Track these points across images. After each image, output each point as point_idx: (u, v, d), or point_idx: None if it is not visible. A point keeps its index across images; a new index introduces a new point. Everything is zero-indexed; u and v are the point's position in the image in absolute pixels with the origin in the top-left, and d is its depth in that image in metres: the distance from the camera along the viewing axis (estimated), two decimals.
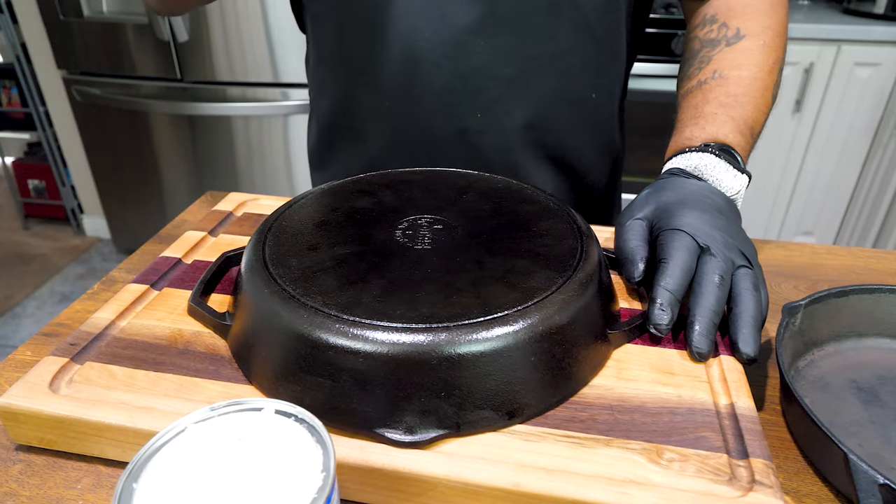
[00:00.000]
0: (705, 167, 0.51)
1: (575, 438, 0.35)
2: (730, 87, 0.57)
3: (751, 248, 0.46)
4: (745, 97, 0.56)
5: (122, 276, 0.57)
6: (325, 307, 0.37)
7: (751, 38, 0.59)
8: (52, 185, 2.39)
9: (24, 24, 2.04)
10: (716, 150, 0.52)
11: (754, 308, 0.42)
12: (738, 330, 0.41)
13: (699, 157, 0.52)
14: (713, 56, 0.60)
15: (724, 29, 0.61)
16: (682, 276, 0.42)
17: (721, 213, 0.47)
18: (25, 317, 2.02)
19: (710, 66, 0.60)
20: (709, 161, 0.51)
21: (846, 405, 0.43)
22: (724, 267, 0.43)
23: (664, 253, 0.44)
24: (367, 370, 0.35)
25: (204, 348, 0.42)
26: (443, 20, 0.59)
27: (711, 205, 0.47)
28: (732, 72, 0.58)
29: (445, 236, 0.45)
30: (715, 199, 0.49)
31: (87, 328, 0.43)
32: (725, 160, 0.51)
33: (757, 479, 0.33)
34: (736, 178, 0.51)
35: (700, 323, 0.41)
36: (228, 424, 0.30)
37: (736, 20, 0.61)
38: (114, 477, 0.37)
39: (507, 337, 0.36)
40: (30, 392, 0.37)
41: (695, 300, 0.42)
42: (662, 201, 0.48)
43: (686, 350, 0.42)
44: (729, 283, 0.43)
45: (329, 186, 0.53)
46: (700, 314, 0.41)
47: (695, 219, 0.45)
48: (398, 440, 0.34)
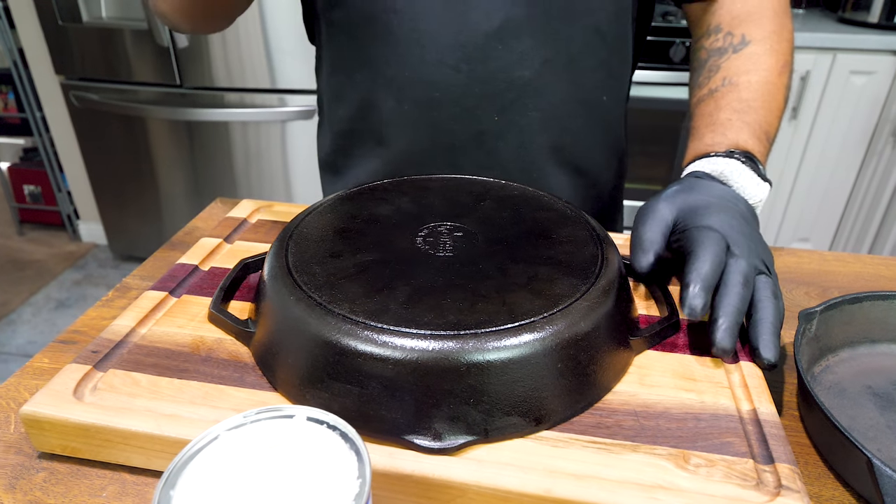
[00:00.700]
0: (731, 173, 0.52)
1: (602, 444, 0.36)
2: (741, 92, 0.58)
3: (769, 256, 0.47)
4: (757, 101, 0.57)
5: (136, 283, 0.57)
6: (352, 314, 0.37)
7: (756, 44, 0.60)
8: (48, 190, 2.38)
9: (21, 30, 2.04)
10: (741, 156, 0.53)
11: (774, 315, 0.42)
12: (758, 336, 0.42)
13: (725, 162, 0.52)
14: (721, 64, 0.61)
15: (729, 37, 0.62)
16: (713, 267, 0.42)
17: (745, 219, 0.48)
18: (21, 323, 2.00)
19: (719, 74, 0.61)
20: (735, 167, 0.52)
21: (863, 410, 0.44)
22: (748, 271, 0.43)
23: (696, 245, 0.44)
24: (396, 377, 0.35)
25: (227, 355, 0.42)
26: (463, 26, 0.60)
27: (737, 210, 0.48)
28: (742, 77, 0.59)
29: (466, 243, 0.46)
30: (739, 205, 0.49)
31: (107, 335, 0.43)
32: (750, 167, 0.52)
33: (783, 484, 0.33)
34: (759, 187, 0.52)
35: (725, 320, 0.41)
36: (261, 432, 0.30)
37: (740, 27, 0.62)
38: (139, 485, 0.37)
39: (535, 343, 0.36)
40: (54, 400, 0.37)
41: (720, 299, 0.42)
42: (691, 200, 0.49)
43: (705, 357, 0.42)
44: (752, 287, 0.43)
45: (346, 193, 0.53)
46: (725, 312, 0.41)
47: (724, 221, 0.46)
48: (427, 446, 0.34)
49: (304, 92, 1.85)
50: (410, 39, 0.61)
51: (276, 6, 1.74)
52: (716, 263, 0.43)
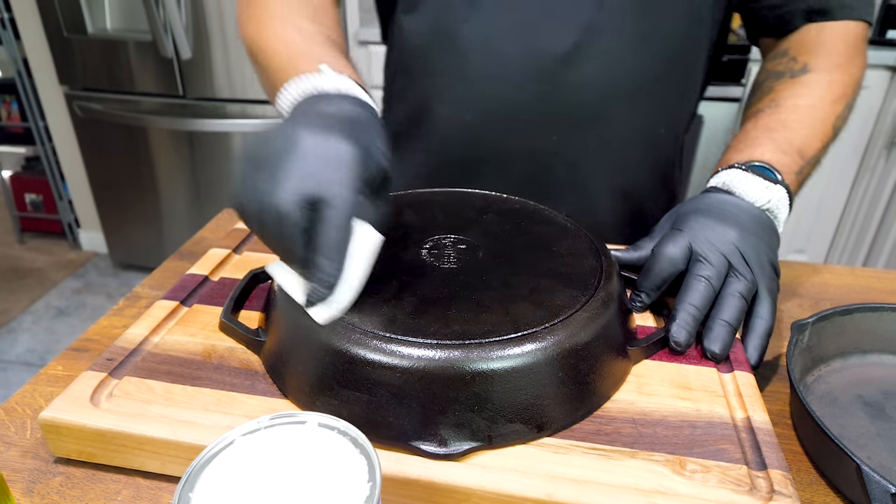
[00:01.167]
0: (731, 181, 0.52)
1: (601, 451, 0.37)
2: (781, 113, 0.58)
3: (759, 258, 0.48)
4: (796, 122, 0.57)
5: (146, 293, 0.58)
6: (362, 324, 0.38)
7: (816, 73, 0.60)
8: (50, 199, 2.39)
9: (26, 40, 2.06)
10: (743, 166, 0.53)
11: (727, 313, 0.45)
12: (747, 343, 0.46)
13: (727, 173, 0.53)
14: (775, 86, 0.61)
15: (792, 62, 0.62)
16: (703, 302, 0.45)
17: (738, 222, 0.48)
18: (21, 331, 2.00)
19: (769, 96, 0.60)
20: (735, 175, 0.52)
21: (854, 419, 0.45)
22: (747, 288, 0.46)
23: (694, 280, 0.46)
24: (404, 385, 0.36)
25: (238, 363, 0.43)
26: (532, 47, 0.61)
27: (729, 215, 0.49)
28: (788, 101, 0.58)
29: (470, 255, 0.47)
30: (734, 210, 0.49)
31: (122, 343, 0.44)
32: (754, 173, 0.52)
33: (776, 490, 0.35)
34: (768, 189, 0.51)
35: (716, 330, 0.45)
36: (275, 437, 0.32)
37: (806, 56, 0.61)
38: (152, 489, 0.38)
39: (537, 353, 0.37)
40: (72, 406, 0.38)
41: (714, 311, 0.46)
42: (682, 211, 0.51)
43: (701, 366, 0.44)
44: (748, 301, 0.46)
45: None
46: (717, 325, 0.45)
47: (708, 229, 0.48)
48: (433, 452, 0.36)
49: None
50: (479, 52, 0.62)
51: None
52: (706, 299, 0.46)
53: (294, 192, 0.36)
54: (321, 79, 0.46)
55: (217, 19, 1.78)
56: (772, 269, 0.49)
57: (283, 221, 0.36)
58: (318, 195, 0.36)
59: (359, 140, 0.39)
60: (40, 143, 2.24)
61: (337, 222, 0.37)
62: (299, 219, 0.36)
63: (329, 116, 0.41)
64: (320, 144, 0.38)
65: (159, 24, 1.76)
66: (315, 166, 0.37)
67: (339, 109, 0.42)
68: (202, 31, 1.80)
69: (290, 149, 0.38)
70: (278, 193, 0.36)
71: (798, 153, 0.55)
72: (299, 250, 0.37)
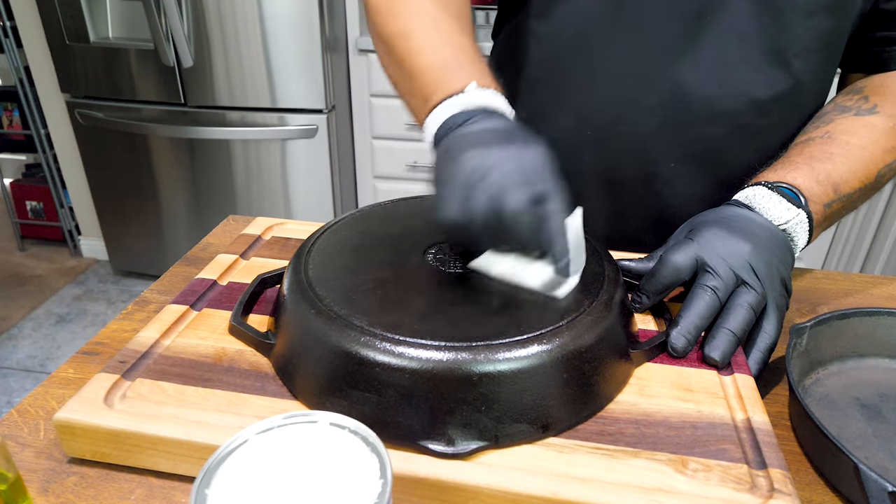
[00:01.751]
0: (754, 197, 0.52)
1: (605, 450, 0.38)
2: (830, 146, 0.56)
3: (771, 273, 0.48)
4: (841, 157, 0.55)
5: (154, 297, 0.59)
6: (370, 326, 0.39)
7: (882, 117, 0.58)
8: (50, 206, 2.40)
9: (28, 48, 2.07)
10: (769, 184, 0.52)
11: (732, 323, 0.46)
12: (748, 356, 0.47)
13: (751, 189, 0.53)
14: (835, 119, 0.59)
15: (862, 101, 0.60)
16: (707, 313, 0.46)
17: (752, 236, 0.48)
18: (22, 338, 2.01)
19: (825, 128, 0.59)
20: (758, 192, 0.52)
21: (851, 421, 0.46)
22: (756, 300, 0.46)
23: (701, 291, 0.47)
24: (412, 386, 0.37)
25: (248, 366, 0.44)
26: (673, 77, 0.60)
27: (744, 228, 0.49)
28: (842, 136, 0.57)
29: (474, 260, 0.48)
30: (750, 224, 0.49)
31: (133, 346, 0.45)
32: (778, 193, 0.52)
33: (776, 488, 0.35)
34: (789, 211, 0.51)
35: (719, 338, 0.46)
36: (287, 436, 0.32)
37: (879, 97, 0.60)
38: (165, 488, 0.39)
39: (542, 355, 0.38)
40: (86, 407, 0.39)
41: (720, 320, 0.46)
42: (697, 221, 0.51)
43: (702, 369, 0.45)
44: (756, 314, 0.47)
45: (359, 213, 0.56)
46: (721, 333, 0.46)
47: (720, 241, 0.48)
48: (441, 451, 0.37)
49: (304, 111, 1.88)
50: (614, 71, 0.61)
51: (278, 27, 1.78)
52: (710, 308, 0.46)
53: (522, 193, 0.40)
54: (469, 98, 0.48)
55: (218, 27, 1.79)
56: (782, 286, 0.49)
57: (518, 219, 0.40)
58: (543, 193, 0.41)
59: (535, 143, 0.44)
60: (41, 151, 2.25)
61: (560, 212, 0.42)
62: (532, 215, 0.40)
63: (499, 131, 0.45)
64: (514, 152, 0.42)
65: (161, 32, 1.77)
66: (523, 170, 0.41)
67: (501, 125, 0.46)
68: (203, 39, 1.81)
69: (493, 163, 0.41)
70: (510, 196, 0.40)
71: (833, 187, 0.54)
72: (533, 241, 0.42)
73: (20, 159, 2.54)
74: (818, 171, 0.54)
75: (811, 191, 0.53)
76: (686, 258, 0.48)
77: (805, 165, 0.55)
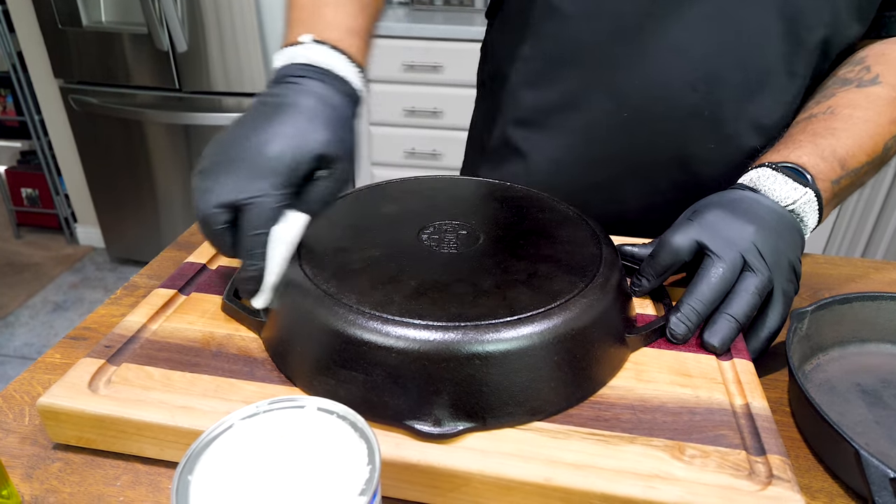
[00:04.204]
0: (758, 178, 0.51)
1: (600, 436, 0.37)
2: (833, 122, 0.54)
3: (777, 257, 0.46)
4: (845, 132, 0.53)
5: (144, 282, 0.58)
6: (359, 305, 0.39)
7: (885, 87, 0.56)
8: (46, 193, 2.38)
9: (20, 33, 2.04)
10: (774, 165, 0.51)
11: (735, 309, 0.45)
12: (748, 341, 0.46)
13: (756, 171, 0.52)
14: (837, 93, 0.57)
15: (864, 72, 0.58)
16: (710, 298, 0.45)
17: (757, 218, 0.47)
18: (18, 325, 2.00)
19: (827, 102, 0.57)
20: (763, 173, 0.51)
21: (852, 407, 0.45)
22: (761, 284, 0.45)
23: (704, 274, 0.45)
24: (399, 365, 0.37)
25: (236, 350, 0.43)
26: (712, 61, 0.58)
27: (748, 210, 0.48)
28: (845, 110, 0.55)
29: (470, 241, 0.47)
30: (755, 206, 0.48)
31: (120, 331, 0.44)
32: (784, 173, 0.50)
33: (775, 474, 0.35)
34: (795, 190, 0.49)
35: (719, 323, 0.45)
36: (274, 421, 0.31)
37: (881, 67, 0.58)
38: (151, 474, 0.38)
39: (532, 337, 0.38)
40: (70, 392, 0.38)
41: (722, 305, 0.45)
42: (700, 204, 0.50)
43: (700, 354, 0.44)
44: (762, 299, 0.45)
45: (357, 192, 0.55)
46: (721, 318, 0.45)
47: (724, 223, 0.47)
48: (427, 432, 0.36)
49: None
50: (655, 49, 0.59)
51: (274, 11, 1.75)
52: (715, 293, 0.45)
53: (214, 201, 0.41)
54: (298, 51, 0.47)
55: (213, 11, 1.77)
56: (791, 270, 0.47)
57: (206, 227, 0.42)
58: (236, 203, 0.41)
59: (294, 135, 0.43)
60: (36, 138, 2.23)
61: (254, 224, 0.41)
62: (220, 225, 0.41)
63: (274, 110, 0.44)
64: (251, 149, 0.42)
65: (155, 16, 1.75)
66: (239, 175, 0.42)
67: (293, 99, 0.44)
68: (198, 23, 1.79)
69: (225, 155, 0.43)
70: (199, 205, 0.42)
71: (839, 162, 0.52)
72: (227, 251, 0.43)
73: (16, 146, 2.52)
74: (822, 147, 0.52)
75: (817, 168, 0.51)
76: (685, 239, 0.47)
77: (809, 143, 0.53)
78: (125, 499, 0.36)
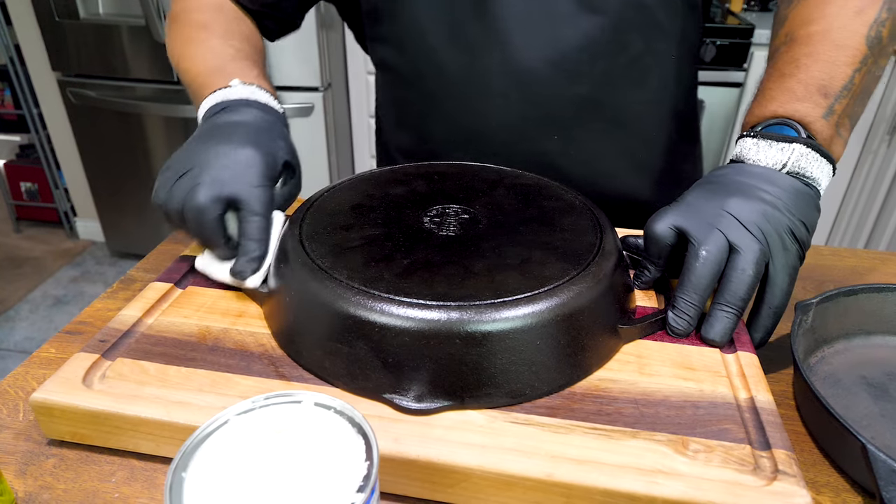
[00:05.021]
0: (741, 151, 0.49)
1: (602, 431, 0.36)
2: (794, 50, 0.50)
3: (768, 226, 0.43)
4: (808, 57, 0.49)
5: (140, 276, 0.58)
6: (349, 280, 0.40)
7: None
8: (45, 187, 2.37)
9: (18, 26, 2.03)
10: (751, 133, 0.48)
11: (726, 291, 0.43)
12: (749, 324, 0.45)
13: (738, 145, 0.50)
14: (788, 14, 0.53)
15: None
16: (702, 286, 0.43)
17: (740, 189, 0.45)
18: (19, 320, 2.00)
19: (783, 30, 0.53)
20: (744, 145, 0.49)
21: (857, 400, 0.45)
22: (752, 260, 0.42)
23: (689, 263, 0.44)
24: (382, 340, 0.37)
25: (233, 344, 0.42)
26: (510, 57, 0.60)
27: (729, 183, 0.46)
28: (801, 30, 0.50)
29: (470, 225, 0.47)
30: (740, 177, 0.46)
31: (115, 325, 0.43)
32: (763, 137, 0.47)
33: (780, 469, 0.34)
34: (782, 151, 0.46)
35: (714, 315, 0.44)
36: (270, 416, 0.31)
37: None
38: (147, 470, 0.38)
39: (514, 320, 0.38)
40: (64, 387, 0.38)
41: (716, 294, 0.44)
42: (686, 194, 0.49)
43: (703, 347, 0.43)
44: (758, 275, 0.43)
45: (369, 173, 0.56)
46: (716, 310, 0.44)
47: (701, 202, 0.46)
48: (405, 406, 0.37)
49: (301, 89, 1.85)
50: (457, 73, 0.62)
51: None
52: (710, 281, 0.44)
53: (211, 195, 0.44)
54: (230, 91, 0.54)
55: None
56: (790, 239, 0.43)
57: (203, 219, 0.44)
58: (233, 196, 0.45)
59: (260, 143, 0.48)
60: (34, 131, 2.22)
61: (256, 213, 0.45)
62: (217, 216, 0.45)
63: (234, 125, 0.50)
64: (229, 153, 0.46)
65: (152, 7, 1.73)
66: (227, 172, 0.45)
67: (244, 118, 0.51)
68: None
69: (201, 161, 0.46)
70: (198, 197, 0.44)
71: (819, 92, 0.47)
72: (219, 239, 0.46)
73: (14, 140, 2.51)
74: (793, 88, 0.48)
75: (798, 113, 0.47)
76: (663, 226, 0.45)
77: (778, 89, 0.49)
78: (120, 495, 0.36)
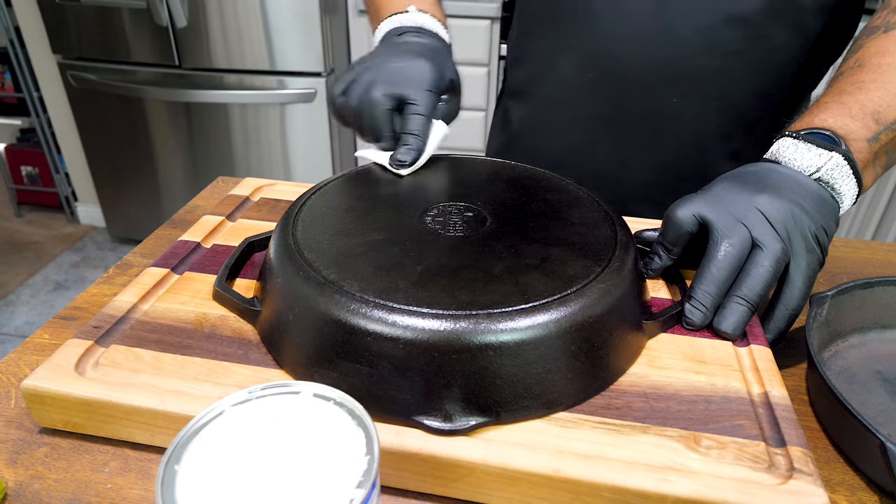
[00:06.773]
0: (779, 150, 0.48)
1: (611, 425, 0.35)
2: (861, 74, 0.50)
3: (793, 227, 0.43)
4: (874, 83, 0.49)
5: (137, 261, 0.56)
6: (362, 293, 0.36)
7: None
8: (46, 171, 2.36)
9: (18, 8, 2.01)
10: (794, 134, 0.48)
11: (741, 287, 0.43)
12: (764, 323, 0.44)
13: (777, 143, 0.49)
14: (865, 43, 0.54)
15: (891, 15, 0.53)
16: (721, 279, 0.42)
17: (770, 186, 0.44)
18: (19, 304, 1.99)
19: (855, 56, 0.53)
20: (783, 144, 0.48)
21: (873, 395, 0.43)
22: (773, 258, 0.42)
23: (710, 254, 0.43)
24: (406, 357, 0.34)
25: (230, 332, 0.41)
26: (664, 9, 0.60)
27: (760, 180, 0.45)
28: (873, 59, 0.51)
29: (476, 224, 0.45)
30: (770, 175, 0.46)
31: (109, 311, 0.42)
32: (805, 141, 0.47)
33: (796, 467, 0.33)
34: (820, 157, 0.45)
35: (728, 307, 0.42)
36: (267, 408, 0.30)
37: None
38: (141, 460, 0.36)
39: (549, 325, 0.35)
40: (56, 374, 0.37)
41: (732, 287, 0.43)
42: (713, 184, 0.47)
43: (716, 339, 0.42)
44: (777, 273, 0.42)
45: (353, 172, 0.53)
46: (731, 302, 0.42)
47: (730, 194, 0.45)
48: (437, 428, 0.34)
49: (304, 74, 1.83)
50: (608, 13, 0.62)
51: None
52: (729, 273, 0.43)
53: (385, 91, 0.53)
54: (407, 17, 0.62)
55: None
56: (814, 243, 0.43)
57: (375, 112, 0.52)
58: (403, 94, 0.53)
59: (431, 58, 0.56)
60: (35, 115, 2.20)
61: (420, 112, 0.53)
62: (388, 109, 0.53)
63: (409, 45, 0.58)
64: (403, 62, 0.55)
65: None
66: (400, 76, 0.54)
67: (418, 40, 0.59)
68: None
69: (380, 65, 0.54)
70: (373, 92, 0.53)
71: (872, 117, 0.48)
72: (388, 130, 0.53)
73: (15, 124, 2.49)
74: (849, 105, 0.48)
75: (846, 129, 0.47)
76: (686, 212, 0.44)
77: (834, 103, 0.49)
78: (113, 486, 0.35)
